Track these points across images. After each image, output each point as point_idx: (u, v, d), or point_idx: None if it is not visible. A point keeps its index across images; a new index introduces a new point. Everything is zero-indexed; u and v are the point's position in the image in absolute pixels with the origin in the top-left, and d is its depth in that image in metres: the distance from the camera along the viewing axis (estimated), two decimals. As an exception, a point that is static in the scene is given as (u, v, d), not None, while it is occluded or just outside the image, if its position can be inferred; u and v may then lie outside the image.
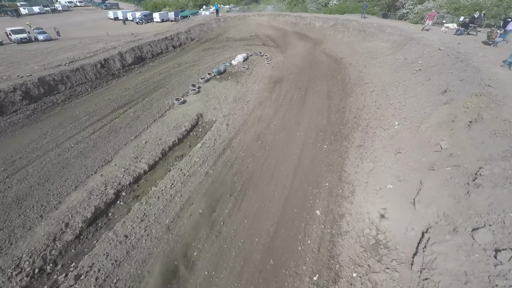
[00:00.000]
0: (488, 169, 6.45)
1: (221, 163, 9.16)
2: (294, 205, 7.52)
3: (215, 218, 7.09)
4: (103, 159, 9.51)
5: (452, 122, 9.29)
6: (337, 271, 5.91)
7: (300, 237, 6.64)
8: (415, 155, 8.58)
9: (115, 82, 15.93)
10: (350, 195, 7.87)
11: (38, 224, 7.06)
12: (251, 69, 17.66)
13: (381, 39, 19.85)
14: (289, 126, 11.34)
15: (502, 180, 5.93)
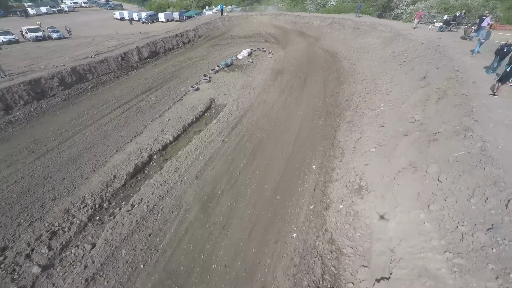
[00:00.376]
0: (444, 128, 8.36)
1: (234, 133, 11.06)
2: (295, 162, 9.42)
3: (232, 170, 8.99)
4: (135, 131, 11.39)
5: (426, 100, 11.21)
6: (328, 203, 7.81)
7: (300, 182, 8.54)
8: (394, 127, 10.48)
9: (134, 73, 17.85)
10: (340, 155, 9.77)
11: (92, 175, 8.94)
12: (255, 62, 19.58)
13: (373, 36, 21.79)
14: (290, 107, 13.26)
15: (452, 134, 7.84)
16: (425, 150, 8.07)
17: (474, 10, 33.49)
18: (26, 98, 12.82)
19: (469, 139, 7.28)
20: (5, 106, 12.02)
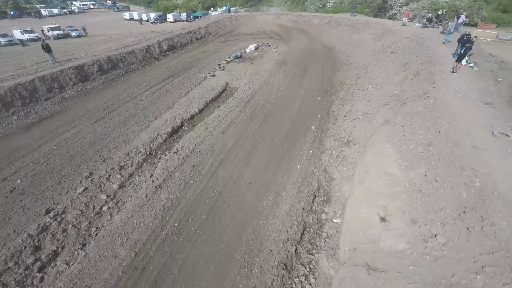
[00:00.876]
0: (412, 95, 10.96)
1: (248, 106, 13.67)
2: (298, 125, 12.02)
3: (250, 129, 11.59)
4: (167, 105, 14.00)
5: (404, 80, 13.82)
6: (323, 150, 10.38)
7: (302, 137, 11.13)
8: (378, 101, 13.06)
9: (157, 63, 20.51)
10: (333, 121, 12.36)
11: (140, 133, 11.54)
12: (261, 55, 22.23)
13: (366, 32, 24.44)
14: (293, 88, 15.87)
15: (416, 98, 10.43)
16: (397, 110, 10.66)
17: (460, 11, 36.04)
18: (74, 80, 15.47)
19: (426, 99, 9.88)
20: (59, 86, 14.66)
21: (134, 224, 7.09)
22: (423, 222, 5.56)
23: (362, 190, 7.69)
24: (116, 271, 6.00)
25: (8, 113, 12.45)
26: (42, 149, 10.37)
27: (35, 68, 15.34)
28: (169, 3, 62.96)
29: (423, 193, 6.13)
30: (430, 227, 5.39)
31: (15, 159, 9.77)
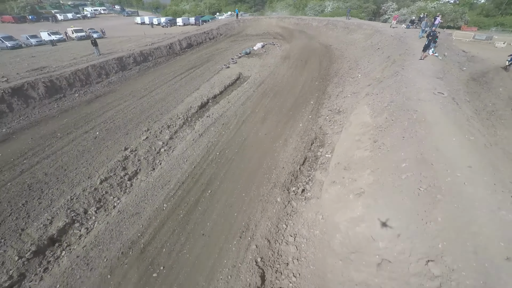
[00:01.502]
0: (387, 75, 14.31)
1: (260, 88, 17.04)
2: (300, 100, 15.35)
3: (262, 102, 14.93)
4: (194, 88, 17.37)
5: (385, 68, 17.21)
6: (319, 115, 13.69)
7: (303, 108, 14.45)
8: (364, 83, 16.40)
9: (179, 58, 24.00)
10: (328, 98, 15.69)
11: (177, 106, 14.86)
12: (267, 52, 25.71)
13: (359, 33, 27.97)
14: (295, 76, 19.26)
15: (390, 77, 13.77)
16: (375, 86, 14.00)
17: (446, 14, 39.85)
18: (116, 69, 18.90)
19: (396, 76, 13.23)
20: (106, 72, 18.08)
21: (189, 153, 10.39)
22: (379, 141, 8.83)
23: (346, 135, 10.99)
24: (183, 175, 9.26)
25: (71, 92, 15.83)
26: (106, 114, 13.72)
27: (85, 59, 18.81)
28: (177, 9, 67.16)
29: (382, 127, 9.42)
30: (383, 142, 8.65)
31: (89, 120, 13.11)
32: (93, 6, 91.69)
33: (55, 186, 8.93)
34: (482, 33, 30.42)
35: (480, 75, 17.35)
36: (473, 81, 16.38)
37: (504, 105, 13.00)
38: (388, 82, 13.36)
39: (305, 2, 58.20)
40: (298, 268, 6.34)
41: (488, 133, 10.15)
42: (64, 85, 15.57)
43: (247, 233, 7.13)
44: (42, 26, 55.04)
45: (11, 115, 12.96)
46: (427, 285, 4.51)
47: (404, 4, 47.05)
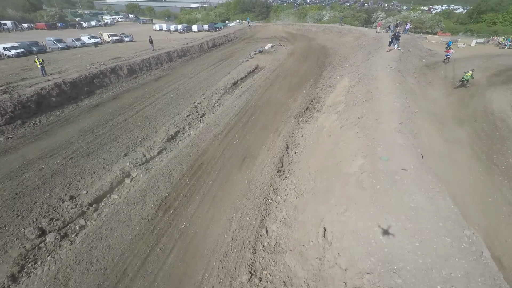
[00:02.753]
0: (362, 60, 20.85)
1: (273, 73, 23.61)
2: (303, 79, 21.90)
3: (277, 80, 21.47)
4: (226, 73, 23.93)
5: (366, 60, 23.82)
6: (316, 87, 20.18)
7: (305, 83, 20.97)
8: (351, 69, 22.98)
9: (208, 54, 30.74)
10: (323, 78, 22.23)
11: (217, 83, 21.37)
12: (276, 50, 32.45)
13: (349, 36, 34.78)
14: (299, 66, 25.88)
15: (364, 61, 20.32)
16: (354, 68, 20.53)
17: (425, 22, 46.78)
18: (166, 60, 25.56)
19: (367, 61, 19.77)
20: (160, 62, 24.74)
21: (235, 103, 16.86)
22: (350, 91, 15.24)
23: (333, 94, 17.46)
24: (229, 119, 15.66)
25: (141, 74, 22.41)
26: (171, 87, 20.23)
27: (144, 53, 25.48)
28: (190, 17, 74.85)
29: (353, 85, 15.88)
30: (352, 91, 15.05)
31: (161, 90, 19.61)
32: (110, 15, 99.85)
33: (161, 118, 15.34)
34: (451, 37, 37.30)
35: (433, 64, 24.01)
36: (426, 67, 22.97)
37: (438, 79, 19.53)
38: (363, 64, 19.92)
39: (306, 11, 65.76)
40: (304, 144, 12.64)
41: (420, 87, 16.63)
42: (137, 69, 22.18)
43: (277, 132, 13.52)
44: (71, 32, 62.26)
45: (111, 85, 19.51)
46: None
47: (391, 13, 54.29)
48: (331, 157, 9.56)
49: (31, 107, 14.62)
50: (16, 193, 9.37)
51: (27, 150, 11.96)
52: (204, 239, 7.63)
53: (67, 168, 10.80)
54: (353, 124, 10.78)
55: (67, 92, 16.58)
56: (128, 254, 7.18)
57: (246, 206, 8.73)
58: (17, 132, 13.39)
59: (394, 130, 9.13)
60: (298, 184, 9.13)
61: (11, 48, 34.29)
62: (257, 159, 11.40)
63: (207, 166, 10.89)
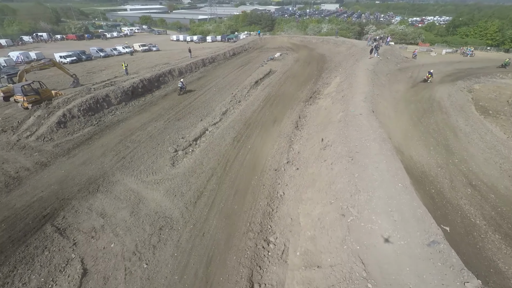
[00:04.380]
0: (352, 64, 28.55)
1: (284, 75, 31.32)
2: (307, 79, 29.59)
3: (288, 80, 29.16)
4: (248, 75, 31.62)
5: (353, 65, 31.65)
6: (317, 84, 27.86)
7: (309, 82, 28.65)
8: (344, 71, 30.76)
9: (230, 61, 38.63)
10: (321, 78, 29.93)
11: (243, 82, 29.04)
12: (284, 58, 40.35)
13: (343, 47, 42.77)
14: (303, 70, 33.64)
15: (352, 65, 28.00)
16: (344, 70, 28.22)
17: (408, 34, 54.98)
18: (201, 65, 33.35)
19: (353, 65, 27.47)
20: (197, 66, 32.53)
21: (260, 96, 24.44)
22: (339, 85, 22.80)
23: (329, 88, 25.10)
24: (260, 102, 23.22)
25: (186, 75, 30.12)
26: (211, 83, 27.89)
27: (186, 59, 33.34)
28: (203, 29, 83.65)
29: (342, 81, 23.51)
30: (340, 85, 22.59)
31: (205, 86, 27.26)
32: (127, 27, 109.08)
33: (212, 102, 22.89)
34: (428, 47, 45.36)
35: (405, 68, 31.77)
36: (399, 70, 30.70)
37: (405, 78, 27.17)
38: (350, 68, 27.62)
39: (306, 24, 74.42)
40: (310, 115, 20.03)
41: (389, 83, 24.20)
42: (183, 71, 29.95)
43: (292, 109, 21.05)
44: (97, 43, 70.65)
45: (170, 82, 27.23)
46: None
47: (380, 26, 62.73)
48: (325, 117, 17.02)
49: (128, 94, 22.22)
50: (149, 136, 16.84)
51: (138, 118, 19.49)
52: (261, 151, 15.04)
53: (170, 126, 18.28)
54: (338, 100, 18.31)
55: (146, 86, 24.23)
56: (223, 157, 14.58)
57: (280, 140, 16.15)
58: (125, 109, 20.96)
59: (360, 101, 16.62)
60: (308, 131, 16.56)
61: (67, 56, 42.32)
62: (282, 121, 18.88)
63: (253, 124, 18.36)
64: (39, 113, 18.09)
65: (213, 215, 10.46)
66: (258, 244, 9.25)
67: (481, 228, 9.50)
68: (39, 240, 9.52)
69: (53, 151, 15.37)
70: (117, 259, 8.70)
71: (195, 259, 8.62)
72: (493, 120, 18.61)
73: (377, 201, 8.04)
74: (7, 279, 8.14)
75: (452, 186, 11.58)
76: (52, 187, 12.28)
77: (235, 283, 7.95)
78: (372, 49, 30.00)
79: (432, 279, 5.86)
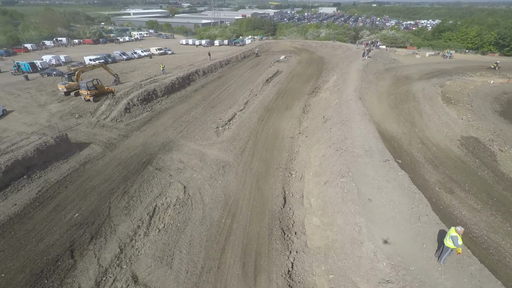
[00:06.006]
0: (347, 64, 34.52)
1: (290, 74, 37.25)
2: (309, 78, 35.54)
3: (293, 78, 35.10)
4: (260, 74, 37.52)
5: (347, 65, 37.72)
6: (318, 82, 33.81)
7: (311, 80, 34.61)
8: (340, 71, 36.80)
9: (241, 63, 44.56)
10: (321, 77, 35.90)
11: (256, 79, 34.95)
12: (288, 60, 46.33)
13: (339, 50, 48.85)
14: (305, 70, 39.60)
15: (347, 65, 33.97)
16: (340, 70, 34.20)
17: (398, 39, 61.03)
18: (219, 66, 39.25)
19: (348, 66, 33.46)
20: (216, 67, 38.42)
21: (272, 91, 30.31)
22: (336, 82, 28.71)
23: (327, 84, 31.07)
24: (273, 95, 29.09)
25: (207, 75, 35.97)
26: (230, 82, 33.75)
27: (207, 61, 39.26)
28: (210, 33, 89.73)
29: (338, 78, 29.46)
30: (336, 81, 28.50)
31: (224, 84, 33.12)
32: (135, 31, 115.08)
33: (234, 95, 28.72)
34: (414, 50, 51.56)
35: (391, 68, 37.81)
36: (386, 70, 36.73)
37: (390, 77, 33.16)
38: (345, 68, 33.61)
39: (306, 29, 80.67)
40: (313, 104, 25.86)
41: (376, 80, 30.14)
42: (206, 71, 35.83)
43: (299, 100, 26.92)
44: (111, 47, 76.28)
45: (197, 80, 33.04)
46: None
47: (374, 31, 69.03)
48: (325, 103, 22.89)
49: (169, 89, 28.04)
50: (194, 118, 22.63)
51: (181, 107, 25.30)
52: (279, 127, 20.89)
53: (207, 112, 24.08)
54: (335, 92, 24.23)
55: (181, 83, 30.06)
56: (253, 130, 20.38)
57: (292, 120, 22.00)
58: (168, 100, 26.77)
59: (351, 91, 22.50)
60: (312, 113, 22.39)
61: (95, 59, 48.06)
62: (292, 108, 24.72)
63: (271, 110, 24.19)
64: (108, 102, 23.84)
65: (255, 160, 16.24)
66: (285, 174, 15.03)
67: (420, 162, 15.33)
68: (147, 173, 15.25)
69: (126, 128, 21.13)
70: (201, 180, 14.45)
71: (249, 179, 14.40)
72: (453, 107, 24.51)
73: (357, 143, 13.87)
74: (140, 189, 13.87)
75: (409, 143, 17.43)
76: (139, 148, 18.03)
77: (275, 189, 13.73)
78: (364, 52, 36.00)
79: (382, 173, 11.65)
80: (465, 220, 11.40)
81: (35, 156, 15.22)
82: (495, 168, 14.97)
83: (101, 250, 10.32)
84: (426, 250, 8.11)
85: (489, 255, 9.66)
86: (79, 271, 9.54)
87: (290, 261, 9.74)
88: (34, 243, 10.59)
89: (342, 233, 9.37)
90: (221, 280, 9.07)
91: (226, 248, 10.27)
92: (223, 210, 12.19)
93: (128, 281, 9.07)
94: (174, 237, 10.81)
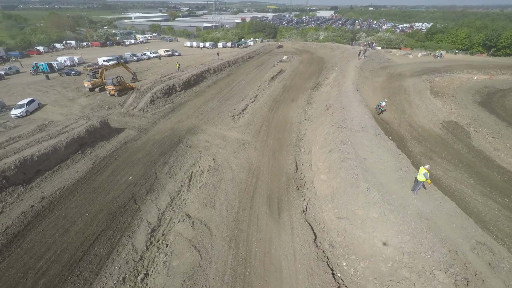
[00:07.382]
0: (346, 62, 37.81)
1: (293, 72, 40.50)
2: (311, 75, 38.80)
3: (297, 76, 38.34)
4: (265, 73, 40.75)
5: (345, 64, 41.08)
6: (318, 79, 37.07)
7: (312, 77, 37.87)
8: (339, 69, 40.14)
9: (247, 63, 47.80)
10: (322, 75, 39.17)
11: (263, 77, 38.16)
12: (290, 60, 49.65)
13: (338, 51, 52.29)
14: (307, 69, 42.89)
15: (344, 63, 37.27)
16: (338, 68, 37.50)
17: (393, 40, 64.65)
18: (227, 65, 42.45)
19: (346, 64, 36.76)
20: (224, 66, 41.64)
21: (278, 87, 33.50)
22: (336, 78, 31.93)
23: (328, 81, 34.34)
24: (280, 90, 32.27)
25: (217, 73, 39.14)
26: (238, 79, 36.91)
27: (215, 61, 42.48)
28: (213, 36, 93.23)
29: (337, 75, 32.72)
30: (336, 78, 31.73)
31: (233, 81, 36.29)
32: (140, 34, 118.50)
33: (244, 90, 31.85)
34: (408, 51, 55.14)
35: (386, 67, 41.18)
36: (381, 68, 40.08)
37: (385, 74, 36.46)
38: (343, 66, 36.91)
39: (306, 31, 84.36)
40: (315, 98, 29.04)
41: (371, 76, 33.38)
42: (216, 70, 39.01)
43: (303, 93, 30.10)
44: (119, 49, 79.56)
45: (208, 77, 36.19)
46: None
47: (370, 33, 72.75)
48: (327, 96, 26.06)
49: (186, 84, 31.15)
50: (212, 108, 25.72)
51: (198, 99, 28.41)
52: (287, 115, 24.00)
53: (222, 103, 27.18)
54: (335, 86, 27.44)
55: (195, 79, 33.20)
56: (265, 117, 23.49)
57: (298, 110, 25.13)
58: (185, 94, 29.87)
59: (349, 84, 25.70)
60: (316, 104, 25.53)
61: (109, 60, 51.15)
62: (297, 100, 27.89)
63: (279, 102, 27.32)
64: (134, 95, 26.90)
65: (270, 139, 19.33)
66: (296, 149, 18.11)
67: (407, 139, 18.52)
68: (180, 150, 18.27)
69: (153, 117, 24.17)
70: (227, 154, 17.49)
71: (267, 153, 17.47)
72: (439, 99, 27.75)
73: (355, 121, 17.00)
74: (177, 161, 16.88)
75: (398, 125, 20.62)
76: (168, 132, 21.06)
77: (288, 159, 16.80)
78: (360, 51, 39.37)
79: (375, 142, 14.75)
80: (439, 176, 14.51)
81: (86, 136, 18.23)
82: (468, 143, 18.14)
83: (157, 199, 13.31)
84: (405, 187, 11.18)
85: (453, 196, 12.74)
86: (143, 212, 12.51)
87: (305, 204, 12.78)
88: (104, 196, 13.56)
89: (344, 182, 12.42)
90: (254, 215, 12.08)
91: (254, 196, 13.29)
92: (248, 173, 15.23)
93: (184, 217, 12.05)
94: (212, 191, 13.82)
